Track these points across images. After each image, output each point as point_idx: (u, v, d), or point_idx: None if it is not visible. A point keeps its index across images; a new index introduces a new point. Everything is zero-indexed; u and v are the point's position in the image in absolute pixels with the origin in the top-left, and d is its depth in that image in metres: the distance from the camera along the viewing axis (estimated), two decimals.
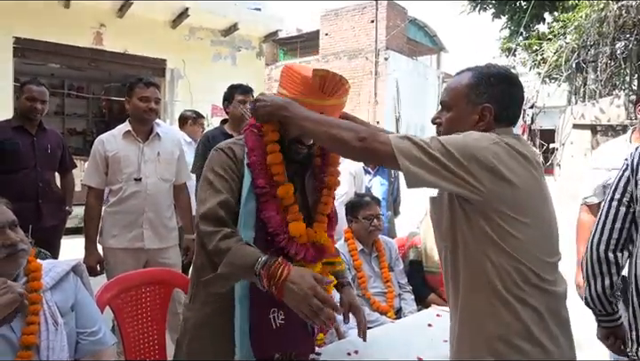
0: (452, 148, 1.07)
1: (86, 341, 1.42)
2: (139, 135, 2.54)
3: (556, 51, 7.11)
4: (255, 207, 1.29)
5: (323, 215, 1.42)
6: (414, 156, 1.07)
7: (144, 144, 2.54)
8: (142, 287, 1.78)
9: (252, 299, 1.29)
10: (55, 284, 1.41)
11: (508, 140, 1.12)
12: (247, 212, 1.29)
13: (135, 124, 2.54)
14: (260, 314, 1.30)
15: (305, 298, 1.11)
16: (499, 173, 1.07)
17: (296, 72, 1.32)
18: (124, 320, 1.72)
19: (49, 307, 1.36)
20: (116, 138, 2.54)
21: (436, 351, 1.61)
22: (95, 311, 1.49)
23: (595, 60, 6.57)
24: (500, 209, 1.09)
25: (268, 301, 1.29)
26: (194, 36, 7.49)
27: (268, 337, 1.31)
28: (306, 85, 1.29)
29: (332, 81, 1.28)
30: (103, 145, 2.51)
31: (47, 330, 1.32)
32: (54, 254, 2.83)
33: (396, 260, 2.64)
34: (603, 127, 5.75)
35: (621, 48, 6.44)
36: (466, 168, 1.06)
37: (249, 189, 1.30)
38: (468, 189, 1.07)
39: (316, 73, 1.28)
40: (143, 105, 2.48)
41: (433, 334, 1.79)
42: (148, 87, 2.51)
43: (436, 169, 1.06)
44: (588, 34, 6.55)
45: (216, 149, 1.37)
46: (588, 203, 2.34)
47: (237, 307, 1.29)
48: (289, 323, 1.34)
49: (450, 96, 1.25)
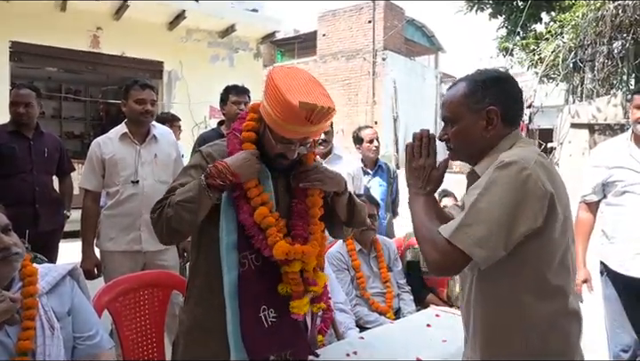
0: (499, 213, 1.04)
1: (83, 346, 1.41)
2: (135, 137, 2.53)
3: (553, 50, 7.13)
4: (235, 212, 1.31)
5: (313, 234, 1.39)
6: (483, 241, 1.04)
7: (141, 146, 2.53)
8: (140, 290, 1.77)
9: (241, 297, 1.29)
10: (51, 288, 1.39)
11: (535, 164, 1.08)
12: (227, 217, 1.32)
13: (131, 126, 2.54)
14: (250, 313, 1.30)
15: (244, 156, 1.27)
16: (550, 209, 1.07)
17: (280, 94, 1.23)
18: (122, 323, 1.71)
19: (45, 312, 1.35)
20: (112, 140, 2.53)
21: (435, 351, 1.61)
22: (92, 315, 1.48)
23: (592, 59, 6.58)
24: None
25: (257, 300, 1.30)
26: (191, 37, 7.48)
27: (262, 337, 1.30)
28: (291, 113, 1.23)
29: (319, 113, 1.23)
30: (100, 147, 2.51)
31: (43, 335, 1.31)
32: (52, 259, 2.82)
33: (394, 260, 2.64)
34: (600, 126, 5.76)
35: (618, 47, 6.45)
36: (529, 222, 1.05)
37: (227, 194, 1.32)
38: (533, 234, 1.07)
39: (303, 106, 1.21)
40: (139, 107, 2.48)
41: (432, 334, 1.79)
42: (143, 89, 2.50)
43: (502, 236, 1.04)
44: (585, 33, 6.56)
45: (196, 151, 1.44)
46: (587, 201, 2.34)
47: (228, 304, 1.29)
48: (281, 321, 1.33)
49: (450, 110, 1.23)
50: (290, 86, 1.25)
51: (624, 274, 2.14)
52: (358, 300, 2.41)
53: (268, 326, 1.30)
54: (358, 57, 14.89)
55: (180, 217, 1.26)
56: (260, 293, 1.30)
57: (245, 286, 1.28)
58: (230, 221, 1.31)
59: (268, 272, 1.32)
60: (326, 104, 1.24)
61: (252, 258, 1.31)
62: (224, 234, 1.31)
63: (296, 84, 1.26)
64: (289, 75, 1.29)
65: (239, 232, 1.31)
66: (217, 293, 1.30)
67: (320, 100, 1.24)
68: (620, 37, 6.29)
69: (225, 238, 1.30)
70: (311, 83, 1.30)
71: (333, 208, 1.49)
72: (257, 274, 1.31)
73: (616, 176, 2.18)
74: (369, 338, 1.76)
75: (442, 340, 1.71)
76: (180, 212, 1.26)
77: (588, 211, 2.34)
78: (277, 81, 1.26)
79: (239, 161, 1.28)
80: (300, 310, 1.29)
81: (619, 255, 2.17)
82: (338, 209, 1.49)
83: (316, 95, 1.25)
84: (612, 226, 2.22)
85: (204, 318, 1.35)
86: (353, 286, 2.43)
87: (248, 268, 1.30)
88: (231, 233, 1.31)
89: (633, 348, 2.17)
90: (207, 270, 1.37)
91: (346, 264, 2.45)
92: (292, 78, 1.28)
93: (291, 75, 1.29)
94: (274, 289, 1.32)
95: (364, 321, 2.32)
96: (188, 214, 1.26)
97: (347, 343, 1.75)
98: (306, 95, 1.23)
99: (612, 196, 2.22)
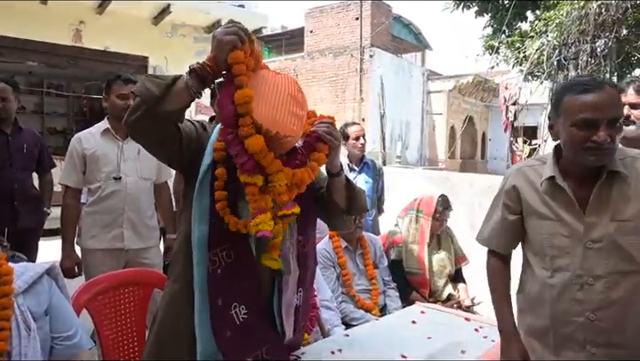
0: None
1: (61, 346, 1.38)
2: (117, 133, 2.48)
3: (537, 48, 7.20)
4: (209, 202, 1.26)
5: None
6: None
7: (123, 142, 2.48)
8: (120, 289, 1.74)
9: (211, 295, 1.25)
10: (28, 288, 1.36)
11: None
12: (201, 206, 1.27)
13: (114, 121, 2.48)
14: (220, 311, 1.26)
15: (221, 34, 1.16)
16: None
17: None
18: (102, 323, 1.67)
19: (21, 312, 1.32)
20: (94, 136, 2.47)
21: (420, 348, 1.61)
22: (71, 315, 1.45)
23: (576, 57, 6.66)
24: None
25: (227, 297, 1.26)
26: (176, 32, 7.39)
27: (235, 335, 1.27)
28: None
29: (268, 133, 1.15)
30: (80, 143, 2.45)
31: (19, 335, 1.28)
32: (32, 257, 2.76)
33: (380, 257, 2.64)
34: None
35: (601, 46, 6.54)
36: None
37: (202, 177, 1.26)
38: None
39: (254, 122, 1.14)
40: (121, 102, 2.42)
41: (417, 331, 1.78)
42: (126, 84, 2.43)
43: None
44: (568, 32, 6.64)
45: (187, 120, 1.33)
46: None
47: (196, 297, 1.26)
48: (253, 318, 1.29)
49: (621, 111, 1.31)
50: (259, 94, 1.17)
51: None
52: (344, 298, 2.40)
53: (239, 323, 1.26)
54: (345, 54, 14.88)
55: (144, 87, 1.13)
56: (231, 290, 1.26)
57: (215, 283, 1.24)
58: (204, 211, 1.26)
59: (239, 269, 1.28)
60: (283, 130, 1.15)
61: (223, 255, 1.27)
62: (195, 225, 1.26)
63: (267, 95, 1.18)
64: (267, 82, 1.22)
65: (211, 226, 1.26)
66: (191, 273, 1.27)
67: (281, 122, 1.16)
68: (604, 36, 6.38)
69: (196, 231, 1.26)
70: (289, 98, 1.21)
71: (330, 195, 1.42)
72: (227, 271, 1.27)
73: None
74: (354, 335, 1.75)
75: (427, 337, 1.71)
76: (146, 82, 1.14)
77: None
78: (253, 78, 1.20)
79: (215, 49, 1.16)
80: (264, 227, 1.17)
81: None
82: (336, 194, 1.42)
83: (282, 115, 1.18)
84: None
85: (180, 294, 1.31)
86: (339, 283, 2.42)
87: (219, 265, 1.26)
88: (203, 225, 1.26)
89: None
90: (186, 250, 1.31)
91: (332, 261, 2.44)
92: (268, 86, 1.20)
93: (270, 82, 1.22)
94: (245, 286, 1.29)
95: (350, 318, 2.31)
96: (155, 86, 1.13)
97: (331, 341, 1.74)
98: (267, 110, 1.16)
99: None
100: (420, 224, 2.71)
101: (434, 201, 2.71)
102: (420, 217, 2.72)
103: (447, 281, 2.76)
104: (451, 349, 1.61)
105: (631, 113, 2.13)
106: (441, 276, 2.74)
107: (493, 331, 1.80)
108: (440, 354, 1.58)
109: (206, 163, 1.28)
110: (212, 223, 1.26)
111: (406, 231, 2.74)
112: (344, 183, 1.42)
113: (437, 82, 17.57)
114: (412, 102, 16.59)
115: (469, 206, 3.66)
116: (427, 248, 2.67)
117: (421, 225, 2.71)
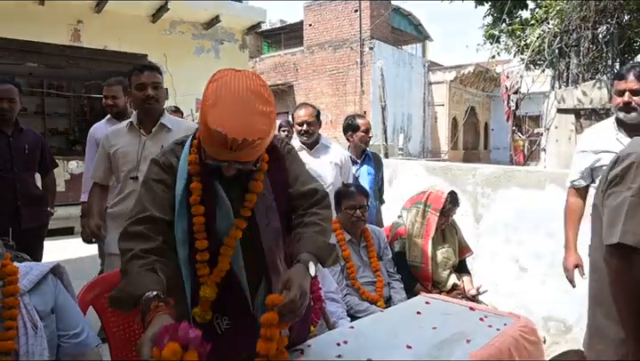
0: None
1: (68, 344, 1.39)
2: (143, 127, 2.36)
3: (538, 36, 7.15)
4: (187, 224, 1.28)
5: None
6: None
7: (147, 137, 2.34)
8: None
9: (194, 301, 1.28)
10: (33, 287, 1.37)
11: None
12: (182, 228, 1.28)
13: (140, 115, 2.37)
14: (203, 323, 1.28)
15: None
16: None
17: (203, 110, 1.13)
18: (109, 320, 1.68)
19: (27, 311, 1.33)
20: (120, 131, 2.40)
21: (425, 338, 1.61)
22: (77, 313, 1.46)
23: (577, 44, 6.61)
24: None
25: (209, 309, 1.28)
26: (175, 30, 7.38)
27: (216, 346, 1.19)
28: (209, 135, 1.12)
29: (235, 142, 1.10)
30: (108, 140, 2.40)
31: (26, 334, 1.29)
32: (36, 257, 2.77)
33: (384, 248, 2.63)
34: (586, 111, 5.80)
35: (603, 32, 6.48)
36: None
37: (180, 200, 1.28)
38: None
39: (216, 134, 1.09)
40: (140, 93, 2.28)
41: (422, 322, 1.78)
42: (142, 72, 2.27)
43: None
44: (569, 18, 6.58)
45: (151, 160, 1.36)
46: (575, 186, 2.34)
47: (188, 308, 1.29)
48: (236, 329, 1.29)
49: None
50: (217, 100, 1.13)
51: None
52: (349, 290, 2.40)
53: (220, 333, 1.27)
54: (345, 47, 14.83)
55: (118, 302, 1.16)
56: (214, 303, 1.27)
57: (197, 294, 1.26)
58: (184, 234, 1.28)
59: (221, 282, 1.29)
60: (247, 134, 1.10)
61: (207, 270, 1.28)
62: (179, 246, 1.28)
63: (228, 98, 1.13)
64: (227, 84, 1.15)
65: (191, 246, 1.28)
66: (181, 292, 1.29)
67: (244, 126, 1.11)
68: (605, 22, 6.32)
69: (180, 252, 1.28)
70: (251, 97, 1.15)
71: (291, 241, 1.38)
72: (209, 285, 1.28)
73: (603, 160, 2.19)
74: (359, 327, 1.75)
75: (432, 328, 1.71)
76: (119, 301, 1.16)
77: (577, 196, 2.35)
78: (209, 90, 1.16)
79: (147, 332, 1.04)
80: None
81: None
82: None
83: (244, 117, 1.12)
84: None
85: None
86: (343, 276, 2.42)
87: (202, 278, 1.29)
88: (185, 246, 1.28)
89: None
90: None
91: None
92: (229, 89, 1.14)
93: (229, 84, 1.15)
94: (227, 298, 1.30)
95: (355, 310, 2.32)
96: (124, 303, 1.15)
97: (337, 333, 1.74)
98: (230, 116, 1.11)
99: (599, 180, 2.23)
100: (426, 218, 2.67)
101: (443, 197, 2.66)
102: (428, 211, 2.68)
103: (451, 272, 2.76)
104: (456, 339, 1.61)
105: (632, 99, 2.11)
106: (445, 267, 2.73)
107: (498, 320, 1.80)
108: (445, 344, 1.58)
109: (180, 186, 1.28)
110: (193, 243, 1.28)
111: (411, 224, 2.72)
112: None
113: (438, 73, 17.49)
114: (414, 94, 16.53)
115: (472, 196, 3.65)
116: (431, 242, 2.65)
117: (428, 219, 2.67)
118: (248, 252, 1.32)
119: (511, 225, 3.41)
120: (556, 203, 2.57)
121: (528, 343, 1.70)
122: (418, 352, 1.51)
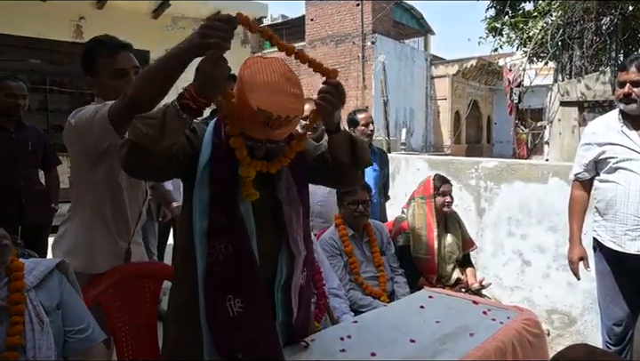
0: None
1: (74, 339, 1.40)
2: None
3: (541, 28, 7.10)
4: (208, 196, 1.28)
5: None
6: None
7: None
8: (130, 281, 1.75)
9: (207, 288, 1.27)
10: (39, 283, 1.38)
11: None
12: (201, 200, 1.28)
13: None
14: (215, 304, 1.27)
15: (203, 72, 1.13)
16: None
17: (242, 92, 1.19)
18: (114, 315, 1.69)
19: (34, 306, 1.34)
20: None
21: (429, 333, 1.61)
22: (82, 308, 1.47)
23: (580, 36, 6.55)
24: None
25: (222, 289, 1.27)
26: (176, 25, 7.37)
27: (227, 328, 1.26)
28: (250, 114, 1.17)
29: (278, 120, 1.17)
30: None
31: (32, 329, 1.31)
32: (41, 253, 2.79)
33: (387, 243, 2.64)
34: (590, 104, 5.77)
35: (606, 23, 6.42)
36: None
37: (201, 172, 1.28)
38: None
39: (260, 112, 1.15)
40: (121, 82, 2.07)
41: (425, 316, 1.79)
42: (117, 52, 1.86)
43: None
44: (572, 10, 6.53)
45: None
46: (579, 179, 2.34)
47: (200, 295, 1.28)
48: (248, 311, 1.28)
49: None
50: (255, 84, 1.18)
51: (616, 250, 2.16)
52: (352, 285, 2.41)
53: (232, 315, 1.26)
54: (347, 41, 14.78)
55: (141, 133, 1.12)
56: (227, 283, 1.26)
57: (212, 276, 1.26)
58: (203, 206, 1.28)
59: (236, 261, 1.28)
60: (288, 111, 1.18)
61: (222, 247, 1.27)
62: (196, 219, 1.28)
63: (264, 81, 1.19)
64: (261, 69, 1.21)
65: (210, 220, 1.28)
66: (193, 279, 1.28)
67: (284, 104, 1.18)
68: (608, 13, 6.27)
69: (197, 225, 1.28)
70: (283, 80, 1.21)
71: (334, 153, 1.43)
72: (225, 263, 1.27)
73: (608, 153, 2.18)
74: (363, 322, 1.76)
75: (435, 322, 1.72)
76: (140, 126, 1.12)
77: (581, 189, 2.34)
78: (244, 76, 1.20)
79: (202, 80, 1.14)
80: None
81: (611, 231, 2.19)
82: (338, 151, 1.42)
83: (282, 97, 1.19)
84: (605, 202, 2.22)
85: (186, 303, 1.33)
86: (346, 271, 2.43)
87: (216, 257, 1.27)
88: (204, 218, 1.28)
89: (625, 322, 2.19)
90: (183, 255, 1.35)
91: (338, 250, 2.45)
92: (263, 73, 1.20)
93: (263, 69, 1.21)
94: (243, 278, 1.29)
95: (359, 305, 2.32)
96: (151, 129, 1.11)
97: (340, 328, 1.75)
98: (270, 96, 1.17)
99: (604, 173, 2.22)
100: (424, 210, 2.74)
101: (430, 182, 2.79)
102: (423, 202, 2.77)
103: (455, 266, 2.77)
104: (459, 333, 1.62)
105: (632, 91, 2.10)
106: (449, 261, 2.75)
107: (502, 313, 1.81)
108: (449, 337, 1.58)
109: (204, 160, 1.28)
110: (212, 216, 1.28)
111: (412, 217, 2.76)
112: (345, 137, 1.42)
113: (441, 66, 17.41)
114: (416, 88, 16.47)
115: (475, 190, 3.65)
116: (435, 232, 2.69)
117: (427, 209, 2.75)
118: (266, 230, 1.33)
119: (514, 218, 3.41)
120: (560, 196, 2.56)
121: (532, 336, 1.71)
122: (421, 346, 1.52)
